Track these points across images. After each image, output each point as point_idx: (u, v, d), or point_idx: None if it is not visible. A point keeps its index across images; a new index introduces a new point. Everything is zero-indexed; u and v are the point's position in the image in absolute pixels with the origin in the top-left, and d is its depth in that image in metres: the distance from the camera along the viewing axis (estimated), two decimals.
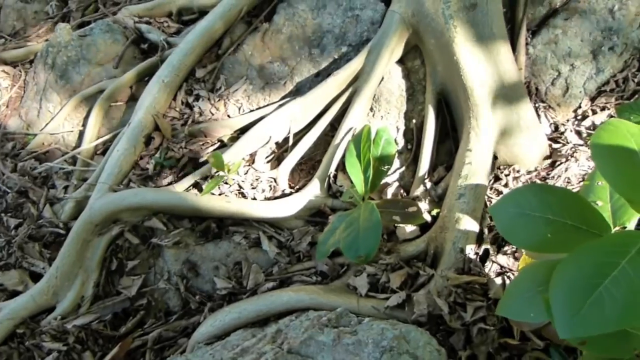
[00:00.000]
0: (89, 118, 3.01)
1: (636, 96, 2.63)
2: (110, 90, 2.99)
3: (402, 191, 2.58)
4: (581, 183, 2.41)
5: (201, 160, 2.69)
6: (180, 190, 2.56)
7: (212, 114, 2.82)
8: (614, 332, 1.15)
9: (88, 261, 2.52)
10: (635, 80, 2.65)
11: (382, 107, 2.61)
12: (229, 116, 2.80)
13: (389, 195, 2.53)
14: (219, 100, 2.84)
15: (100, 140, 2.98)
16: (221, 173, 2.53)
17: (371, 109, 2.62)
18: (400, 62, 2.66)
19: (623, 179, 1.38)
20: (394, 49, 2.53)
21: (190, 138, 2.77)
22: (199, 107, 2.83)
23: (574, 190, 2.40)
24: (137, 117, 2.72)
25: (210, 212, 2.47)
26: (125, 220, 2.53)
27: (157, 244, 2.51)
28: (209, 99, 2.85)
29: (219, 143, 2.76)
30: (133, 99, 3.03)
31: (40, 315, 2.51)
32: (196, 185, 2.61)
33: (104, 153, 2.94)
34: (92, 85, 3.08)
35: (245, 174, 2.66)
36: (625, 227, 1.71)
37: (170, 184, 2.62)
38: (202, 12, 3.11)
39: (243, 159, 2.69)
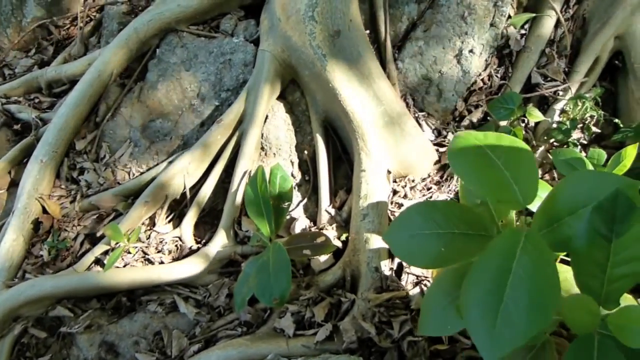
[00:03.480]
0: None
1: (502, 90, 2.82)
2: None
3: (309, 222, 2.58)
4: None
5: (98, 234, 2.57)
6: (82, 271, 2.43)
7: (101, 185, 2.70)
8: None
9: None
10: (499, 75, 2.84)
11: (272, 145, 2.62)
12: (119, 183, 2.70)
13: (297, 229, 2.53)
14: (105, 169, 2.73)
15: None
16: (121, 244, 2.43)
17: (262, 148, 2.62)
18: (282, 97, 2.70)
19: (486, 184, 1.45)
20: (272, 86, 2.56)
21: (83, 214, 2.64)
22: (86, 180, 2.71)
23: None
24: (21, 204, 2.55)
25: (117, 287, 2.36)
26: (27, 316, 2.36)
27: (67, 332, 2.35)
28: (94, 170, 2.73)
29: (114, 213, 2.65)
30: (14, 185, 2.84)
31: None
32: (98, 262, 2.49)
33: None
34: None
35: (148, 238, 2.57)
36: (508, 218, 1.81)
37: (69, 266, 2.48)
38: (73, 82, 3.00)
39: (143, 224, 2.60)
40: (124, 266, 2.48)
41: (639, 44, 2.78)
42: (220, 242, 2.45)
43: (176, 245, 2.56)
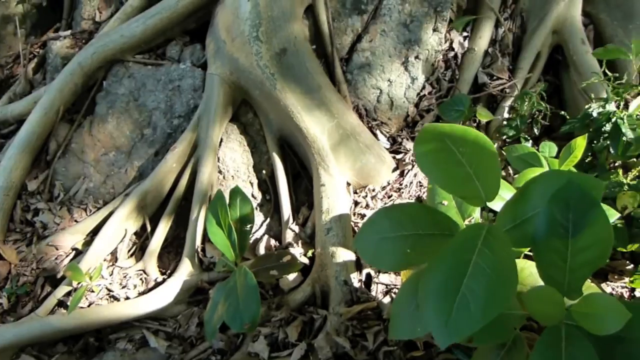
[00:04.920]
0: None
1: (451, 92, 2.88)
2: None
3: (274, 242, 2.57)
4: None
5: (59, 276, 2.50)
6: (45, 315, 2.35)
7: (58, 224, 2.63)
8: (490, 321, 1.21)
9: None
10: (446, 79, 2.89)
11: (230, 168, 2.60)
12: (76, 221, 2.64)
13: (262, 250, 2.51)
14: (60, 208, 2.67)
15: None
16: (84, 283, 2.36)
17: (220, 172, 2.60)
18: (235, 119, 2.68)
19: (450, 180, 1.48)
20: (223, 109, 2.55)
21: (41, 256, 2.56)
22: (41, 221, 2.64)
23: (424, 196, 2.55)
24: None
25: (84, 328, 2.30)
26: None
27: None
28: (49, 210, 2.66)
29: (73, 252, 2.58)
30: None
31: None
32: (61, 304, 2.41)
33: None
34: None
35: (111, 275, 2.51)
36: (472, 218, 1.84)
37: (31, 311, 2.40)
38: (20, 122, 2.92)
39: (105, 260, 2.54)
40: (89, 306, 2.41)
41: (575, 37, 2.88)
42: (185, 271, 2.41)
43: (141, 279, 2.51)
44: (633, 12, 2.94)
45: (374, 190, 2.62)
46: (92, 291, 2.43)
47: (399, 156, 2.74)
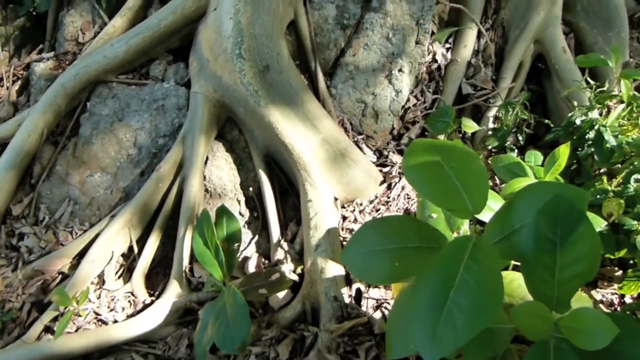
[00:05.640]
0: None
1: (436, 104, 2.89)
2: None
3: (263, 259, 2.55)
4: None
5: (46, 301, 2.46)
6: (32, 342, 2.31)
7: (43, 248, 2.60)
8: (479, 336, 1.20)
9: None
10: (430, 90, 2.91)
11: (216, 186, 2.59)
12: (62, 244, 2.61)
13: (251, 269, 2.49)
14: (46, 231, 2.63)
15: None
16: (71, 308, 2.33)
17: (207, 190, 2.59)
18: (220, 136, 2.67)
19: (439, 193, 1.48)
20: (208, 127, 2.54)
21: (27, 281, 2.53)
22: (26, 246, 2.60)
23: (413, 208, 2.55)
24: None
25: (71, 353, 2.26)
26: None
27: None
28: (35, 234, 2.63)
29: (60, 276, 2.55)
30: None
31: None
32: (48, 330, 2.38)
33: None
34: None
35: (98, 298, 2.48)
36: (461, 230, 1.84)
37: (18, 338, 2.36)
38: (3, 145, 2.89)
39: (92, 283, 2.51)
40: (76, 330, 2.38)
41: (556, 46, 2.91)
42: (173, 292, 2.39)
43: (129, 301, 2.48)
44: (611, 20, 2.98)
45: (361, 204, 2.62)
46: (80, 315, 2.39)
47: (385, 169, 2.73)
